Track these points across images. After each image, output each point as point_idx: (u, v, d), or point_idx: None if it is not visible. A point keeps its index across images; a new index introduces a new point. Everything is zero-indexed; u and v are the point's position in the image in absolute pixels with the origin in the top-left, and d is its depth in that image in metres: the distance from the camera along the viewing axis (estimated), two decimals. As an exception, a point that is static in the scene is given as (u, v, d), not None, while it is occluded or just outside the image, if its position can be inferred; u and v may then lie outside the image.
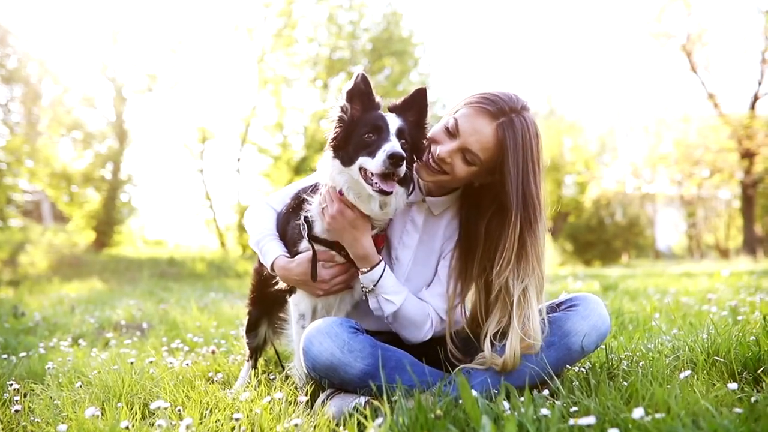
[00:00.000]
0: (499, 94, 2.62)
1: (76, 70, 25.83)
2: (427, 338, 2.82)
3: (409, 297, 2.76)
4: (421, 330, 2.80)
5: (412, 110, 2.66)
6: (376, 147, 2.44)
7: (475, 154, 2.58)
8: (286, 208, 3.03)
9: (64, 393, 2.88)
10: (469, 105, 2.64)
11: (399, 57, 24.21)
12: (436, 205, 2.90)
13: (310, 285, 2.80)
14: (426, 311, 2.80)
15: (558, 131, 35.58)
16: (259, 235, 3.02)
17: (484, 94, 2.63)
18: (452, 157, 2.61)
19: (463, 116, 2.61)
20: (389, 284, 2.71)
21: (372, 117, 2.55)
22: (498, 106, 2.57)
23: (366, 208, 2.62)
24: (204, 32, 28.19)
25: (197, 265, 18.46)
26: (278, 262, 2.87)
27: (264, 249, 2.96)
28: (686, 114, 26.79)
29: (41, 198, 27.09)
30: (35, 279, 14.51)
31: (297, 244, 2.84)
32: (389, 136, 2.47)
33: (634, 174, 31.29)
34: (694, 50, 25.60)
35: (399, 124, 2.54)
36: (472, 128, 2.58)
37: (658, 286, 8.73)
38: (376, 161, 2.40)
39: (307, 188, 2.91)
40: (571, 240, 32.03)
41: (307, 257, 2.76)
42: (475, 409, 1.99)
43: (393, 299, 2.70)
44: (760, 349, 2.81)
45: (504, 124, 2.56)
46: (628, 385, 2.39)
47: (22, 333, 5.43)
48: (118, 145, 22.54)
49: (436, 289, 2.87)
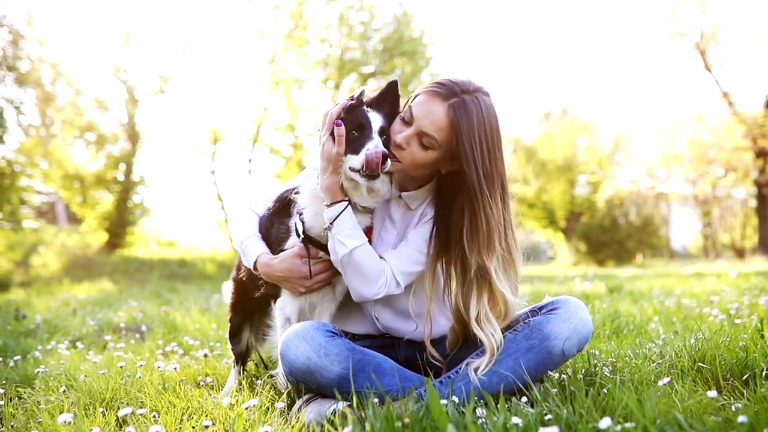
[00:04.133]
0: (453, 78, 2.64)
1: (89, 72, 26.10)
2: (378, 296, 2.73)
3: (366, 246, 2.69)
4: (372, 285, 2.71)
5: (386, 102, 2.71)
6: (360, 144, 2.52)
7: (431, 136, 2.58)
8: (269, 210, 3.05)
9: (50, 397, 2.89)
10: (420, 93, 2.66)
11: (410, 57, 24.17)
12: (412, 199, 2.89)
13: (292, 281, 2.80)
14: (381, 267, 2.73)
15: (571, 131, 35.42)
16: (242, 236, 3.04)
17: (435, 81, 2.66)
18: (409, 142, 2.62)
19: (417, 103, 2.63)
20: (347, 226, 2.64)
21: (356, 114, 2.61)
22: (448, 88, 2.59)
23: (356, 196, 2.68)
24: (215, 34, 28.40)
25: (207, 266, 18.54)
26: (261, 259, 2.88)
27: (247, 249, 2.98)
28: (700, 113, 26.50)
29: (55, 199, 27.36)
30: (46, 280, 14.63)
31: (282, 243, 2.87)
32: (372, 134, 2.55)
33: (647, 173, 31.00)
34: (708, 48, 25.33)
35: (381, 122, 2.61)
36: (426, 111, 2.59)
37: (664, 287, 8.64)
38: (359, 157, 2.49)
39: (290, 191, 2.92)
40: (584, 240, 31.88)
41: (291, 254, 2.79)
42: (443, 417, 1.97)
43: (346, 242, 2.63)
44: (748, 355, 2.77)
45: (455, 104, 2.56)
46: (608, 393, 2.35)
47: (23, 335, 5.46)
48: (130, 147, 22.71)
49: (399, 251, 2.81)
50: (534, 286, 10.72)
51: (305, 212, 2.78)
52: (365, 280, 2.70)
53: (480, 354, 2.63)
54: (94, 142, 22.25)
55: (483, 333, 2.59)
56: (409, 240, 2.83)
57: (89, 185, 21.98)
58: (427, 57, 24.95)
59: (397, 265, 2.76)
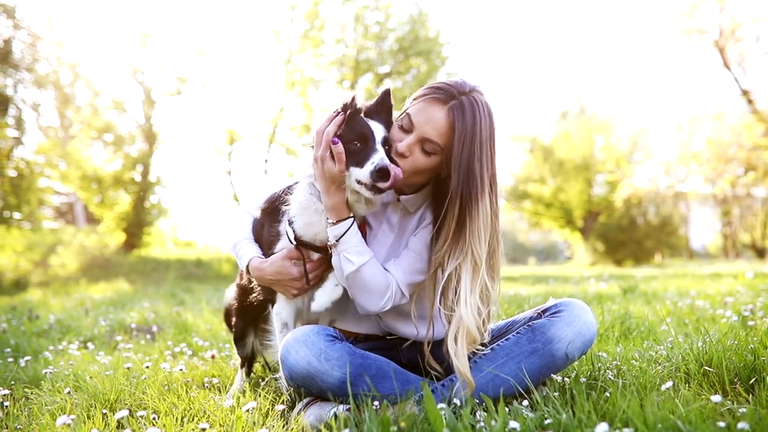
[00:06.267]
0: (447, 81, 2.62)
1: (107, 74, 26.31)
2: (384, 310, 2.72)
3: (372, 262, 2.68)
4: (379, 299, 2.69)
5: (383, 110, 2.68)
6: (364, 157, 2.47)
7: (434, 142, 2.56)
8: (260, 212, 3.05)
9: (56, 398, 2.91)
10: (418, 99, 2.64)
11: (426, 57, 24.11)
12: (410, 203, 2.87)
13: (283, 284, 2.79)
14: (388, 281, 2.70)
15: (589, 130, 35.19)
16: (235, 239, 3.06)
17: (430, 86, 2.64)
18: (411, 150, 2.59)
19: (415, 110, 2.60)
20: (353, 242, 2.63)
21: (356, 123, 2.55)
22: (446, 91, 2.57)
23: (358, 208, 2.67)
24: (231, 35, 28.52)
25: (223, 266, 18.63)
26: (252, 263, 2.90)
27: (240, 252, 2.99)
28: (719, 111, 26.19)
29: (74, 200, 27.64)
30: (64, 281, 14.78)
31: (272, 246, 2.86)
32: (376, 145, 2.49)
33: (666, 172, 30.70)
34: (727, 46, 25.02)
35: (383, 133, 2.56)
36: (426, 117, 2.57)
37: (680, 287, 8.54)
38: (364, 171, 2.43)
39: (281, 192, 2.91)
40: (602, 240, 31.72)
41: (280, 256, 2.78)
42: (439, 421, 1.96)
43: (353, 259, 2.62)
44: (756, 359, 2.72)
45: (454, 106, 2.54)
46: (611, 397, 2.32)
47: (35, 335, 5.51)
48: (147, 148, 22.87)
49: (402, 262, 2.78)
50: (549, 286, 10.67)
51: (295, 221, 2.75)
52: (371, 294, 2.68)
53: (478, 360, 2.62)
54: (112, 143, 22.43)
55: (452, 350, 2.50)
56: (410, 247, 2.80)
57: (107, 186, 22.15)
58: (443, 57, 24.87)
59: (402, 277, 2.74)
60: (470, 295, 2.52)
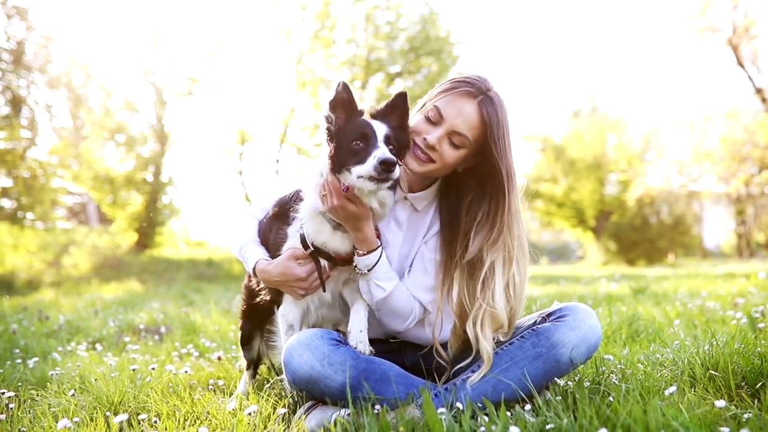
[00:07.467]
0: (471, 75, 2.68)
1: (119, 75, 26.45)
2: (409, 328, 2.83)
3: (399, 286, 2.76)
4: (405, 320, 2.80)
5: (395, 114, 2.65)
6: (366, 154, 2.43)
7: (463, 135, 2.60)
8: (269, 215, 3.05)
9: (61, 400, 2.92)
10: (446, 92, 2.67)
11: (436, 56, 24.07)
12: (418, 200, 2.89)
13: (289, 285, 2.79)
14: (412, 304, 2.78)
15: (601, 129, 34.98)
16: (241, 242, 3.06)
17: (457, 79, 2.68)
18: (440, 143, 2.63)
19: (444, 102, 2.64)
20: (383, 271, 2.70)
21: (358, 124, 2.53)
22: (475, 86, 2.63)
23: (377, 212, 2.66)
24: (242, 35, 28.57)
25: (234, 266, 18.66)
26: (258, 265, 2.90)
27: (246, 255, 2.99)
28: (733, 109, 25.99)
29: (87, 200, 27.79)
30: (76, 281, 14.86)
31: (279, 248, 2.85)
32: (378, 143, 2.46)
33: (679, 171, 30.50)
34: (741, 44, 24.84)
35: (385, 131, 2.53)
36: (457, 110, 2.61)
37: (691, 288, 8.47)
38: (367, 165, 2.39)
39: (289, 195, 2.91)
40: (614, 239, 31.53)
41: (284, 257, 2.78)
42: (438, 425, 1.95)
43: (384, 285, 2.70)
44: (763, 363, 2.69)
45: (485, 100, 2.60)
46: (613, 402, 2.30)
47: (45, 336, 5.54)
48: (159, 148, 22.96)
49: (419, 280, 2.83)
50: (559, 286, 10.61)
51: (306, 226, 2.75)
52: (398, 317, 2.79)
53: (482, 364, 2.60)
54: (124, 143, 22.53)
55: (477, 334, 2.57)
56: (425, 260, 2.86)
57: (119, 186, 22.26)
58: (454, 56, 24.81)
59: (424, 296, 2.82)
60: (501, 282, 2.61)
